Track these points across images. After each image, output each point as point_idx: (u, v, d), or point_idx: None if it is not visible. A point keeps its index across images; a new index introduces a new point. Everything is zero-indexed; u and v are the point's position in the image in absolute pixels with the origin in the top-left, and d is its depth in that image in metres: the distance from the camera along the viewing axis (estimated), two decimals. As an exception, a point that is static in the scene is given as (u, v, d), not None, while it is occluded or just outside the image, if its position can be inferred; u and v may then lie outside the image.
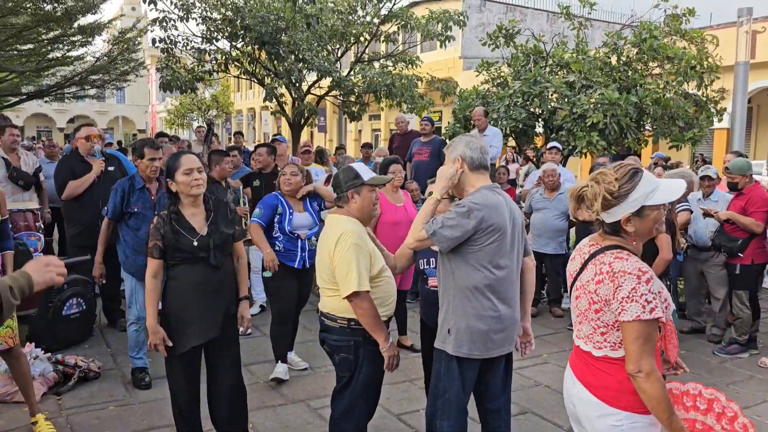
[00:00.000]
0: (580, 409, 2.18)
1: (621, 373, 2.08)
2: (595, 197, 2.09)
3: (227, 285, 3.35)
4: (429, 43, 20.09)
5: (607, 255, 2.10)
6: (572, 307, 2.28)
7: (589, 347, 2.16)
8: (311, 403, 4.34)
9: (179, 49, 12.93)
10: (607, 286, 2.05)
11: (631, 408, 2.07)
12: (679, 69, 8.34)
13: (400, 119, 9.03)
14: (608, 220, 2.12)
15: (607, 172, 2.12)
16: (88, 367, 4.54)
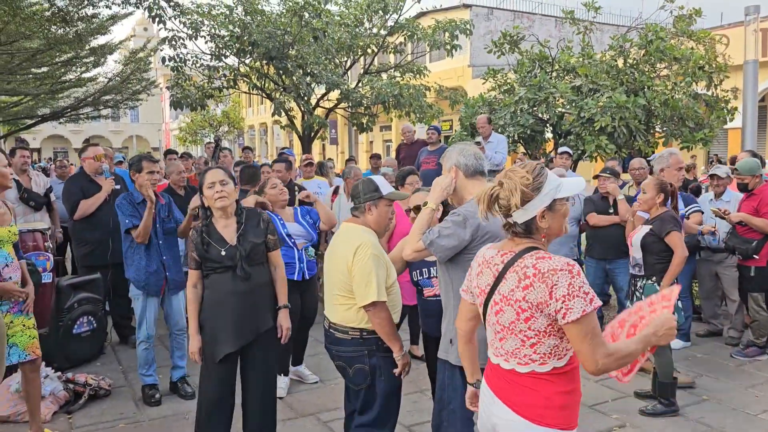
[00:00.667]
0: (501, 429, 2.07)
1: (548, 388, 2.00)
2: (512, 192, 2.00)
3: (260, 294, 3.42)
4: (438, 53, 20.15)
5: (526, 259, 2.00)
6: (488, 324, 2.14)
7: (512, 364, 2.05)
8: (321, 416, 4.31)
9: (189, 67, 13.07)
10: (538, 288, 1.94)
11: (559, 425, 1.99)
12: (687, 70, 8.25)
13: (406, 129, 9.04)
14: (523, 219, 2.03)
15: (515, 168, 2.07)
16: (98, 384, 4.55)
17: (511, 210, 2.03)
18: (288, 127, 14.42)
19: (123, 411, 4.38)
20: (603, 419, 4.27)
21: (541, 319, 1.97)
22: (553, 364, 2.01)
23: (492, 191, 2.05)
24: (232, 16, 12.42)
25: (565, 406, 2.01)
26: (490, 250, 2.18)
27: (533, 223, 2.04)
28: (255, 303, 3.38)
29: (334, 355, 3.11)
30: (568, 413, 2.02)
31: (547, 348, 2.00)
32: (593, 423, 4.20)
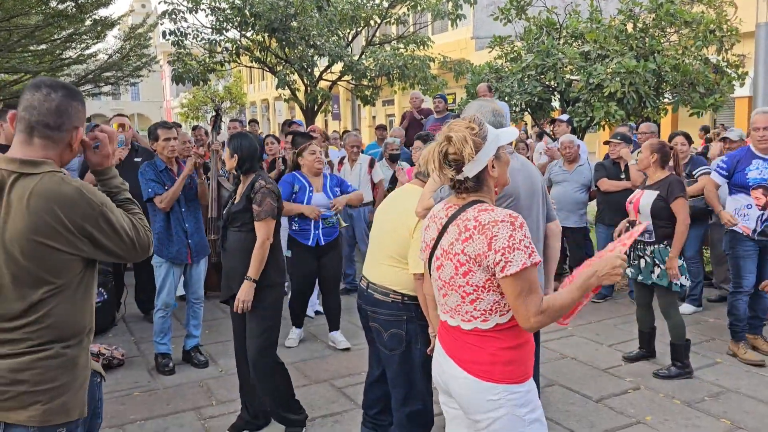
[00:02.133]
0: (453, 386, 2.03)
1: (493, 344, 1.95)
2: (463, 143, 1.90)
3: (236, 259, 3.51)
4: (440, 25, 19.90)
5: (469, 212, 1.94)
6: (433, 280, 2.10)
7: (457, 321, 2.00)
8: (335, 382, 4.32)
9: (190, 41, 12.93)
10: (477, 240, 1.88)
11: (508, 379, 1.95)
12: (698, 33, 8.09)
13: (416, 96, 8.95)
14: (475, 170, 1.95)
15: (456, 122, 2.00)
16: (111, 354, 4.56)
17: (465, 162, 1.93)
18: (291, 101, 14.29)
19: (137, 380, 4.39)
20: (617, 382, 4.26)
21: (479, 274, 1.91)
22: (495, 320, 1.95)
23: (440, 148, 1.95)
24: (233, -13, 12.23)
25: (510, 361, 1.96)
26: (437, 205, 2.14)
27: (484, 174, 1.98)
28: (230, 265, 3.50)
29: (369, 316, 3.03)
30: (514, 368, 1.96)
31: (487, 304, 1.94)
32: (607, 386, 4.20)
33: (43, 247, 1.78)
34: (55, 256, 1.80)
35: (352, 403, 3.97)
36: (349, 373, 4.45)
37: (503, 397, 1.94)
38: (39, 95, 1.86)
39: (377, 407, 3.33)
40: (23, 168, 1.81)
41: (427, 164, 1.98)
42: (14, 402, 1.80)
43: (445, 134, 1.96)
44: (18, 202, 1.77)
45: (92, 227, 1.84)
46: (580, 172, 6.38)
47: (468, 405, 2.00)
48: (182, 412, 3.89)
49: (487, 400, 1.94)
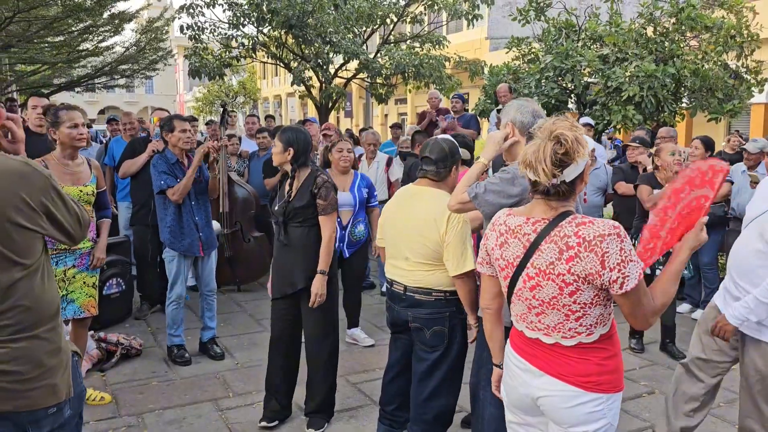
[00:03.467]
0: (548, 401, 1.95)
1: (599, 354, 1.92)
2: (575, 144, 1.81)
3: (297, 253, 3.55)
4: (455, 24, 19.84)
5: (565, 227, 1.83)
6: (518, 299, 1.98)
7: (556, 338, 1.93)
8: (350, 378, 4.34)
9: (207, 36, 12.98)
10: (586, 259, 1.78)
11: (611, 389, 1.93)
12: (718, 39, 8.06)
13: (434, 95, 8.93)
14: (573, 175, 1.84)
15: (558, 122, 1.87)
16: (129, 344, 4.60)
17: (570, 164, 1.82)
18: (305, 97, 14.33)
19: (155, 370, 4.43)
20: (632, 386, 4.26)
21: (588, 292, 1.84)
22: (599, 332, 1.92)
23: (552, 148, 1.81)
24: (252, -17, 12.28)
25: (616, 369, 1.95)
26: (513, 217, 1.99)
27: (578, 181, 1.87)
28: (290, 260, 3.51)
29: (409, 318, 3.00)
30: (618, 376, 1.96)
31: (593, 319, 1.89)
32: (623, 390, 4.18)
33: (10, 225, 1.74)
34: (21, 234, 1.76)
35: (367, 399, 3.99)
36: (364, 370, 4.48)
37: (606, 406, 1.92)
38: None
39: (395, 403, 3.35)
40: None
41: (536, 163, 1.83)
42: (3, 393, 1.78)
43: (553, 133, 1.83)
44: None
45: (47, 200, 1.81)
46: (596, 176, 6.36)
47: (566, 417, 1.94)
48: (200, 402, 3.93)
49: (590, 412, 1.91)
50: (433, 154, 2.98)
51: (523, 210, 2.01)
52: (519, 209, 2.05)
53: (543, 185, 1.85)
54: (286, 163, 3.48)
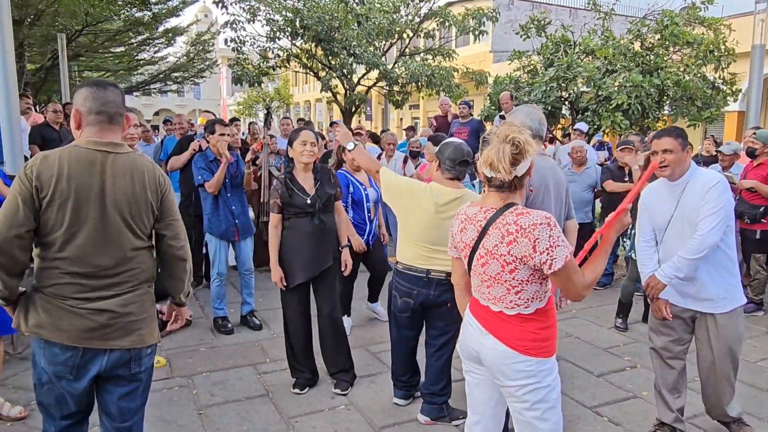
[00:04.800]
0: (488, 356, 2.04)
1: (534, 324, 1.99)
2: (527, 144, 1.90)
3: (328, 237, 3.56)
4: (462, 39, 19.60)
5: (507, 216, 1.93)
6: (474, 273, 2.08)
7: (500, 307, 2.02)
8: (370, 348, 4.34)
9: (247, 48, 12.97)
10: (521, 243, 1.88)
11: (542, 353, 1.99)
12: (698, 53, 7.88)
13: (445, 102, 8.85)
14: (522, 171, 1.94)
15: (510, 125, 1.96)
16: (181, 315, 4.62)
17: (523, 160, 1.91)
18: (331, 103, 14.28)
19: (202, 338, 4.46)
20: (617, 360, 4.21)
21: (524, 270, 1.93)
22: (535, 306, 1.99)
23: (509, 149, 1.89)
24: (286, 2, 12.23)
25: (547, 338, 2.01)
26: (471, 207, 2.09)
27: (525, 176, 1.97)
28: (323, 244, 3.51)
29: (445, 301, 3.02)
30: (549, 344, 2.02)
31: (530, 294, 1.97)
32: (608, 364, 4.15)
33: (148, 208, 2.08)
34: (150, 217, 2.12)
35: (384, 367, 3.98)
36: (381, 341, 4.46)
37: (536, 368, 1.98)
38: (110, 93, 2.05)
39: (409, 372, 3.40)
40: (115, 149, 2.02)
41: (498, 162, 1.90)
42: (121, 331, 2.01)
43: (507, 135, 1.91)
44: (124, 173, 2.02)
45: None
46: (587, 174, 6.28)
47: (503, 373, 2.02)
48: (241, 367, 3.95)
49: (521, 371, 1.98)
50: (455, 155, 2.95)
51: (478, 201, 2.09)
52: (476, 200, 2.12)
53: (498, 180, 1.95)
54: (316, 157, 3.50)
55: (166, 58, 19.11)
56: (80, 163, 1.92)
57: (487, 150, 1.94)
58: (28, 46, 12.73)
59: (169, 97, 36.14)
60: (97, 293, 1.97)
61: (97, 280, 1.97)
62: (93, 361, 1.99)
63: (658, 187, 2.96)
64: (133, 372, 2.07)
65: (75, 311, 1.95)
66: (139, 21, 13.76)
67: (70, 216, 1.91)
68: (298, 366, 3.62)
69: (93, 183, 1.93)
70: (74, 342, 1.96)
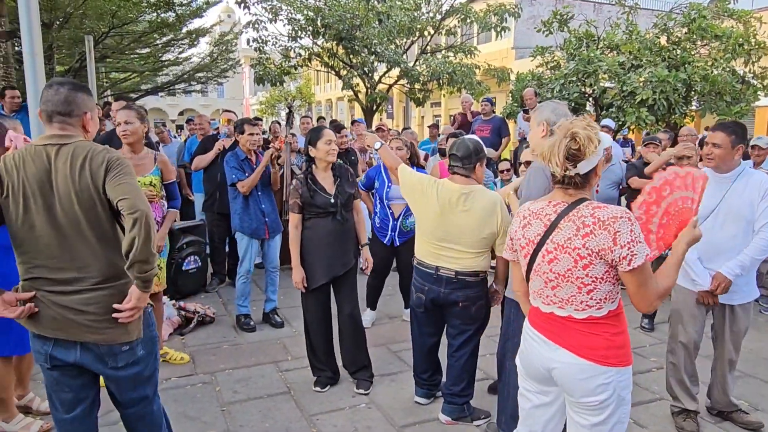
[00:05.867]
0: (564, 372, 1.89)
1: (607, 329, 1.86)
2: (588, 141, 1.79)
3: (349, 236, 3.54)
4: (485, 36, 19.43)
5: (582, 209, 1.82)
6: (536, 273, 1.94)
7: (568, 311, 1.88)
8: (390, 346, 4.33)
9: (269, 48, 13.06)
10: (599, 236, 1.76)
11: (620, 363, 1.86)
12: (727, 47, 7.67)
13: (467, 99, 8.78)
14: (586, 169, 1.84)
15: (575, 121, 1.85)
16: (204, 313, 4.67)
17: (583, 159, 1.81)
18: (353, 101, 14.31)
19: (225, 335, 4.50)
20: (643, 361, 4.13)
21: (599, 266, 1.81)
22: (608, 307, 1.86)
23: (565, 143, 1.80)
24: (308, 1, 12.28)
25: (623, 345, 1.88)
26: (536, 203, 1.99)
27: (591, 173, 1.87)
28: (345, 243, 3.49)
29: (459, 298, 3.01)
30: (626, 351, 1.88)
31: (603, 293, 1.84)
32: (634, 365, 4.02)
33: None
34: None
35: (405, 365, 3.96)
36: (403, 340, 4.44)
37: (615, 379, 1.85)
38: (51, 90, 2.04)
39: (430, 370, 3.39)
40: (61, 140, 1.99)
41: (551, 156, 1.83)
42: (86, 328, 1.99)
43: (569, 131, 1.82)
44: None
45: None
46: (612, 171, 6.16)
47: (578, 389, 1.89)
48: (263, 364, 3.97)
49: (601, 384, 1.85)
50: (459, 151, 2.97)
51: (544, 197, 2.00)
52: (541, 198, 2.04)
53: (559, 176, 1.86)
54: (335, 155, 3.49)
55: (190, 58, 19.36)
56: (32, 158, 1.96)
57: (545, 143, 1.87)
58: (57, 49, 13.01)
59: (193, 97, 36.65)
60: (60, 287, 1.99)
61: (59, 273, 1.98)
62: (65, 353, 2.03)
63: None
64: (110, 366, 2.06)
65: (43, 303, 2.00)
66: (163, 22, 13.96)
67: (23, 209, 1.96)
68: (319, 365, 3.63)
69: (42, 176, 1.94)
70: (42, 332, 2.02)
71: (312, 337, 3.59)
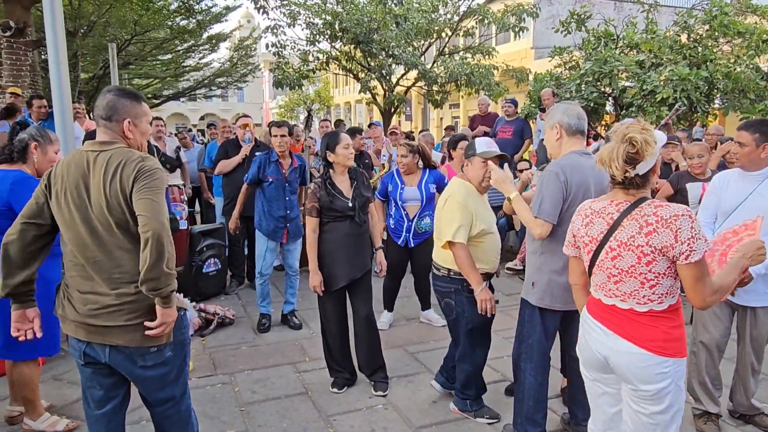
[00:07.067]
0: (621, 360, 1.98)
1: (666, 323, 1.94)
2: (646, 144, 1.86)
3: (365, 238, 3.58)
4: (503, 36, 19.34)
5: (644, 207, 1.91)
6: (599, 269, 2.03)
7: (630, 304, 1.96)
8: (408, 348, 4.34)
9: (288, 52, 13.19)
10: (662, 234, 1.85)
11: (678, 354, 1.93)
12: (750, 43, 7.51)
13: (483, 101, 8.76)
14: (645, 169, 1.92)
15: (633, 124, 1.92)
16: (224, 314, 4.75)
17: (641, 161, 1.89)
18: (371, 104, 14.36)
19: (244, 337, 4.57)
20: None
21: (662, 263, 1.89)
22: (668, 302, 1.95)
23: (624, 148, 1.88)
24: (326, 5, 12.38)
25: (680, 337, 1.96)
26: (598, 202, 2.06)
27: (650, 173, 1.95)
28: (362, 245, 3.54)
29: (434, 288, 3.22)
30: (682, 344, 1.97)
31: (665, 288, 1.93)
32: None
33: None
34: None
35: (422, 367, 3.99)
36: (420, 341, 4.47)
37: (672, 369, 1.93)
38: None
39: (453, 362, 3.44)
40: (101, 147, 2.07)
41: (610, 161, 1.91)
42: (114, 329, 2.04)
43: (626, 136, 1.90)
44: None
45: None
46: (631, 172, 6.11)
47: (636, 376, 1.97)
48: (281, 365, 4.02)
49: (658, 373, 1.93)
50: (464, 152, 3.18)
51: (605, 196, 2.07)
52: (601, 197, 2.10)
53: (617, 178, 1.95)
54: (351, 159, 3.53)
55: (211, 63, 19.66)
56: (75, 163, 2.06)
57: (603, 148, 1.94)
58: (82, 57, 13.32)
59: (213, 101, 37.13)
60: (88, 285, 2.05)
61: (89, 273, 2.04)
62: (97, 352, 2.10)
63: (731, 173, 3.07)
64: (139, 366, 2.10)
65: (72, 303, 2.09)
66: (184, 29, 14.22)
67: (66, 211, 2.05)
68: (336, 366, 3.66)
69: (80, 180, 2.03)
70: (74, 333, 2.11)
71: (329, 339, 3.63)
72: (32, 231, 2.11)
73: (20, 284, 2.12)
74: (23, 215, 2.12)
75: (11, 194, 2.86)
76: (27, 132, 2.99)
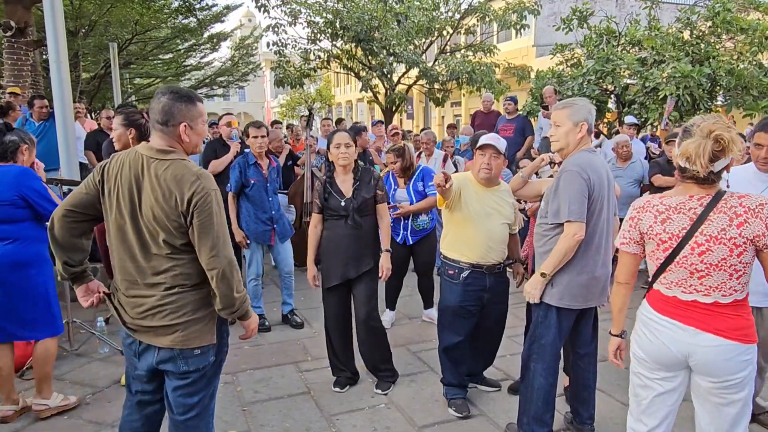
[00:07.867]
0: (706, 355, 1.94)
1: (747, 310, 1.98)
2: (733, 142, 1.87)
3: (366, 240, 3.50)
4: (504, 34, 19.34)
5: (729, 200, 1.92)
6: (680, 265, 1.98)
7: (714, 297, 1.96)
8: (410, 347, 4.33)
9: (289, 51, 13.18)
10: (753, 224, 1.88)
11: (755, 339, 1.97)
12: (753, 40, 7.48)
13: (488, 98, 8.71)
14: (721, 167, 1.92)
15: (716, 121, 1.91)
16: (225, 314, 4.72)
17: (722, 158, 1.90)
18: (372, 102, 14.36)
19: (246, 336, 4.55)
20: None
21: (750, 252, 1.92)
22: (747, 289, 1.98)
23: (710, 145, 1.87)
24: (326, 4, 12.37)
25: (754, 322, 2.00)
26: (669, 198, 2.01)
27: (722, 170, 1.95)
28: (359, 247, 3.48)
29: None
30: (755, 328, 2.00)
31: (747, 277, 1.96)
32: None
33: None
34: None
35: (425, 366, 3.97)
36: (422, 340, 4.46)
37: (753, 354, 1.96)
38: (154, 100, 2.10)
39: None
40: (158, 155, 2.05)
41: (696, 158, 1.89)
42: (160, 330, 2.07)
43: (713, 133, 1.88)
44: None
45: None
46: (632, 168, 6.11)
47: (723, 369, 1.95)
48: (283, 365, 4.02)
49: (744, 360, 1.95)
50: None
51: (676, 192, 2.02)
52: (670, 192, 2.05)
53: (693, 172, 1.92)
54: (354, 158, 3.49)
55: (212, 63, 19.66)
56: (130, 164, 2.07)
57: (687, 143, 1.92)
58: (83, 56, 13.34)
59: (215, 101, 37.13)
60: (135, 289, 2.08)
61: (138, 277, 2.07)
62: (148, 350, 2.13)
63: (744, 170, 3.00)
64: (182, 370, 2.11)
65: (123, 303, 2.13)
66: (185, 28, 14.22)
67: (116, 210, 2.07)
68: (339, 365, 3.66)
69: (132, 183, 2.04)
70: (127, 332, 2.16)
71: (331, 337, 3.64)
72: (71, 218, 2.13)
73: (76, 265, 2.19)
74: (67, 203, 2.14)
75: (21, 186, 3.00)
76: (16, 134, 3.09)
